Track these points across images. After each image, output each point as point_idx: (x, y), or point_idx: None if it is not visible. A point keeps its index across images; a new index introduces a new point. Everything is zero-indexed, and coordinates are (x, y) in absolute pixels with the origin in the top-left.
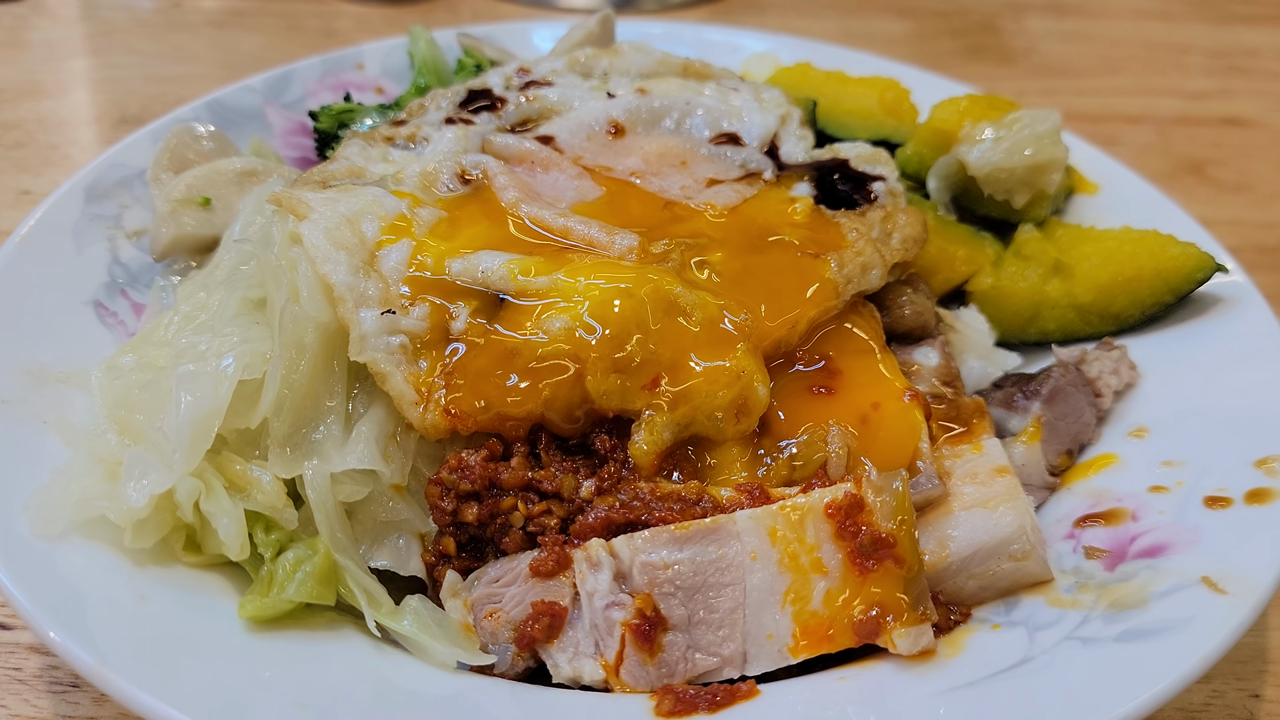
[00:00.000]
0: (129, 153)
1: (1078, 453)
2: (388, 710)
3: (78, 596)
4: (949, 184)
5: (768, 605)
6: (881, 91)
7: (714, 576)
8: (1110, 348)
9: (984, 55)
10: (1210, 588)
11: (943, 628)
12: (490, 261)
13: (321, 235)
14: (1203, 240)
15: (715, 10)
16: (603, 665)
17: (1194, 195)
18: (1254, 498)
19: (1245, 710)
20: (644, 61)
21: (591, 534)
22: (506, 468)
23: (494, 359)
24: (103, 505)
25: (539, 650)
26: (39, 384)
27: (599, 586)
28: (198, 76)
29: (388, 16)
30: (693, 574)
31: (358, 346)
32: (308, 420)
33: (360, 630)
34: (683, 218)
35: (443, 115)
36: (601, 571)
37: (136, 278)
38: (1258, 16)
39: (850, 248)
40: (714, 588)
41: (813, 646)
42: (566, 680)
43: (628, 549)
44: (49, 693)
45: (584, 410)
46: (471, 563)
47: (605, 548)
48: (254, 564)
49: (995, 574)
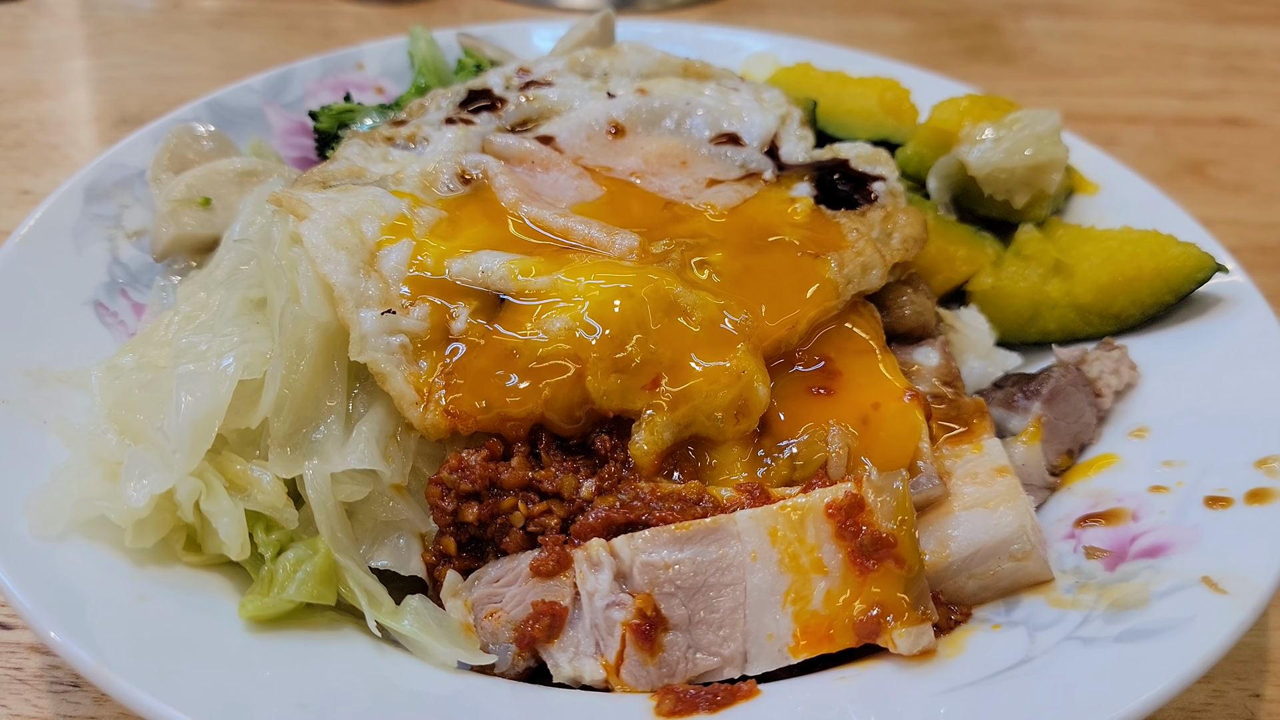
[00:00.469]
0: (129, 153)
1: (1078, 453)
2: (388, 710)
3: (78, 596)
4: (949, 184)
5: (768, 605)
6: (881, 91)
7: (714, 576)
8: (1111, 348)
9: (984, 55)
10: (1211, 588)
11: (943, 627)
12: (490, 261)
13: (321, 235)
14: (1203, 240)
15: (715, 10)
16: (603, 665)
17: (1194, 195)
18: (1254, 498)
19: (1246, 710)
20: (644, 61)
21: (592, 534)
22: (507, 467)
23: (494, 359)
24: (103, 505)
25: (539, 650)
26: (39, 384)
27: (599, 586)
28: (198, 76)
29: (387, 16)
30: (693, 574)
31: (358, 346)
32: (308, 420)
33: (361, 630)
34: (683, 218)
35: (443, 115)
36: (602, 571)
37: (136, 278)
38: (1258, 16)
39: (850, 248)
40: (714, 588)
41: (813, 646)
42: (567, 680)
43: (628, 549)
44: (49, 692)
45: (584, 410)
46: (472, 563)
47: (606, 548)
48: (254, 564)
49: (996, 574)
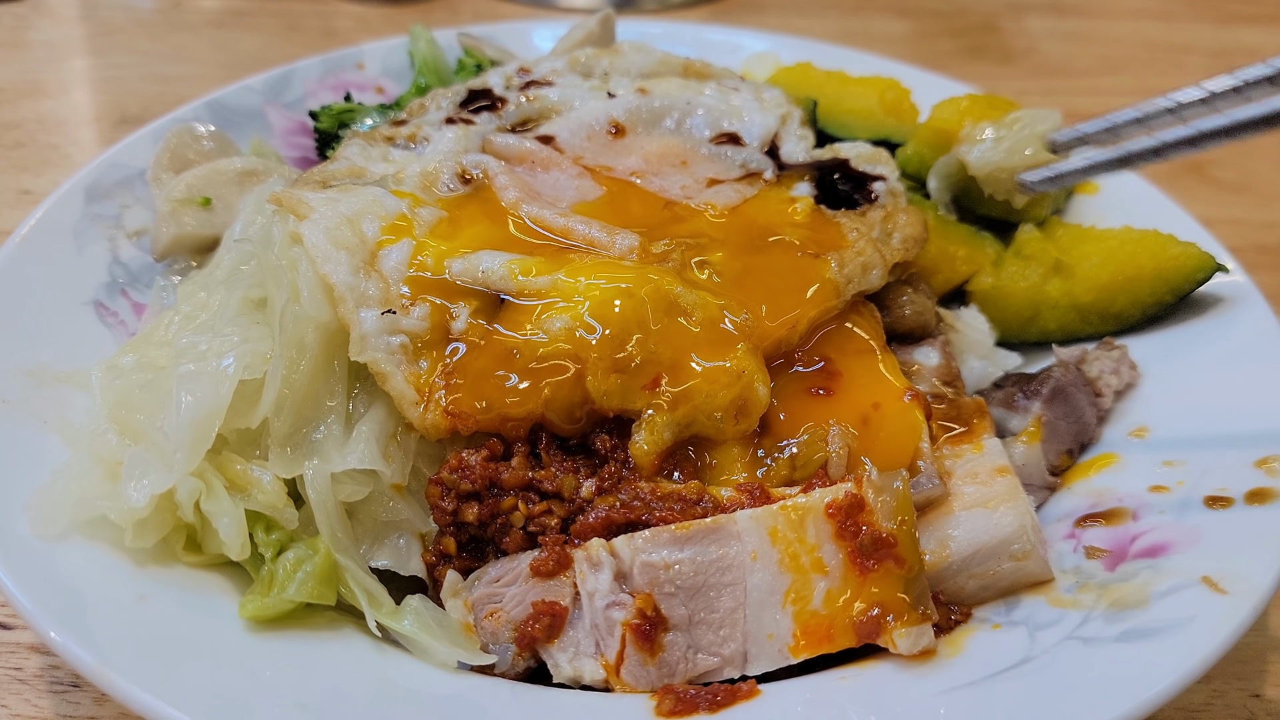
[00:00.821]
0: (129, 153)
1: (1078, 452)
2: (388, 710)
3: (78, 596)
4: (949, 184)
5: (768, 605)
6: (882, 91)
7: (715, 576)
8: (1111, 347)
9: (984, 55)
10: (1211, 588)
11: (943, 628)
12: (490, 261)
13: (322, 235)
14: (1203, 240)
15: (715, 10)
16: (603, 665)
17: (1194, 195)
18: (1254, 498)
19: (1246, 710)
20: (644, 61)
21: (592, 534)
22: (507, 467)
23: (494, 359)
24: (103, 505)
25: (539, 650)
26: (39, 384)
27: (600, 586)
28: (198, 76)
29: (388, 16)
30: (693, 574)
31: (358, 346)
32: (308, 420)
33: (361, 630)
34: (683, 218)
35: (443, 115)
36: (602, 571)
37: (137, 277)
38: (1258, 16)
39: (851, 248)
40: (715, 588)
41: (813, 646)
42: (567, 680)
43: (628, 549)
44: (49, 692)
45: (584, 410)
46: (472, 563)
47: (606, 547)
48: (254, 564)
49: (996, 574)
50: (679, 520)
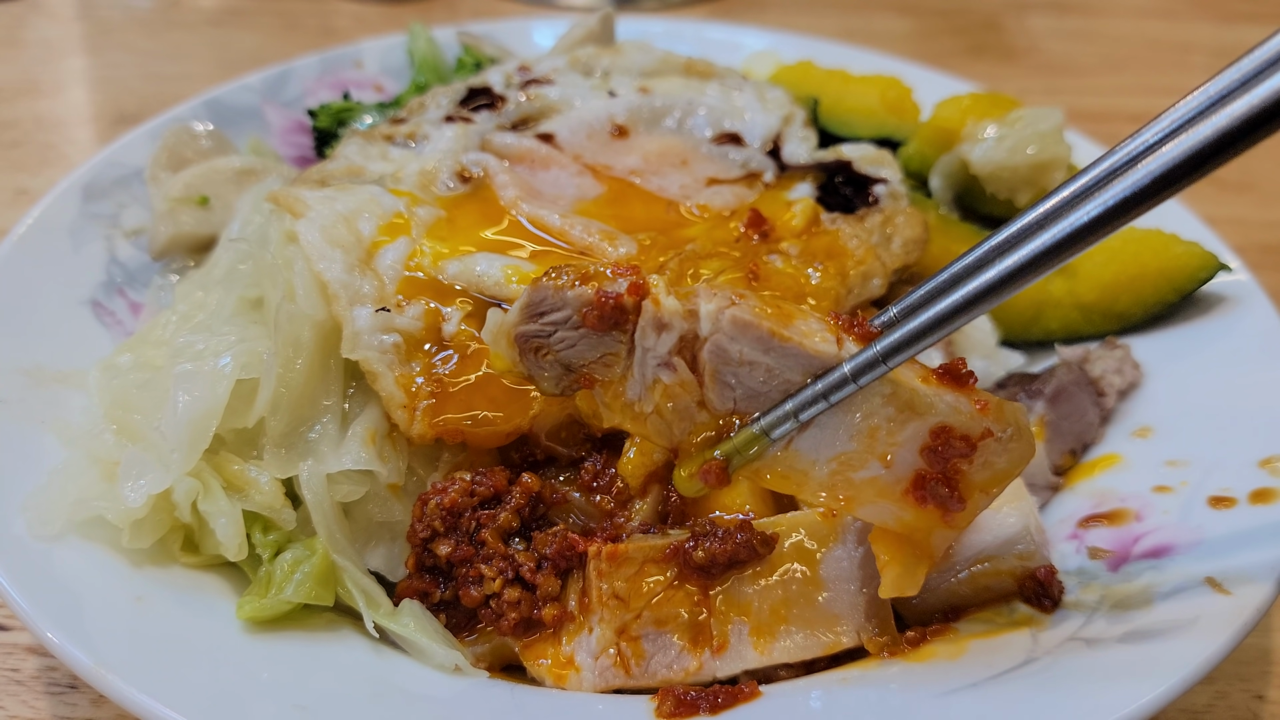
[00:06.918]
0: (126, 151)
1: (1081, 452)
2: (386, 711)
3: (75, 597)
4: (951, 182)
5: (821, 450)
6: (884, 89)
7: (777, 396)
8: (1114, 347)
9: (986, 53)
10: (1214, 588)
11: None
12: (486, 265)
13: (317, 233)
14: (1206, 239)
15: (716, 8)
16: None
17: (1197, 194)
18: (1258, 498)
19: (1249, 711)
20: (646, 60)
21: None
22: (491, 519)
23: (484, 370)
24: (100, 505)
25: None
26: (36, 384)
27: (660, 348)
28: (195, 75)
29: (386, 14)
30: (762, 382)
31: (350, 343)
32: (304, 419)
33: (358, 631)
34: (682, 222)
35: (442, 113)
36: (671, 334)
37: (134, 277)
38: (1261, 15)
39: (851, 256)
40: (771, 391)
41: (832, 502)
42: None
43: (710, 321)
44: (47, 694)
45: (574, 428)
46: (432, 586)
47: (681, 313)
48: (252, 564)
49: (1000, 574)
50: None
